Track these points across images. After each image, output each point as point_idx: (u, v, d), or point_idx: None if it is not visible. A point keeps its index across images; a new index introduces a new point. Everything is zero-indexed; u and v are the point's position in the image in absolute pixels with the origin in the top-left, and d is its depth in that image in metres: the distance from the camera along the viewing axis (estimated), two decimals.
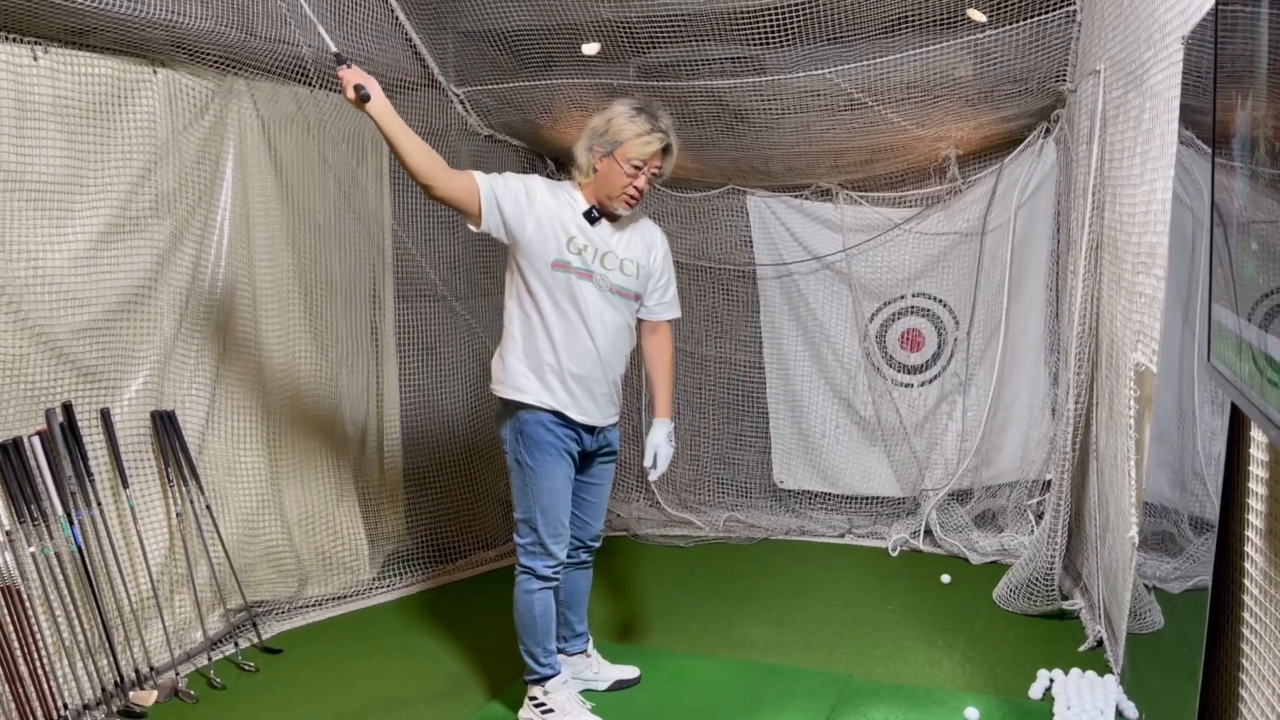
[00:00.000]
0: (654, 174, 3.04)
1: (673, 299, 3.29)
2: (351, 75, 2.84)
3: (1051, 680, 3.26)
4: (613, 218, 3.09)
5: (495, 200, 2.95)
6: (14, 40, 3.04)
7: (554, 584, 3.14)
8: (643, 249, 3.16)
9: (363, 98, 2.81)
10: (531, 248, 2.98)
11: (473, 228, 3.00)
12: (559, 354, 3.01)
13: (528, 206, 2.97)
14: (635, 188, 3.01)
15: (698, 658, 3.65)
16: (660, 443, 3.26)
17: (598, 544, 3.33)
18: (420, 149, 2.87)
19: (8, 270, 3.06)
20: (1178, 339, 3.88)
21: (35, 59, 3.09)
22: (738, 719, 3.18)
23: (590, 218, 3.04)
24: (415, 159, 2.85)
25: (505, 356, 3.07)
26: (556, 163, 5.11)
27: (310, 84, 3.95)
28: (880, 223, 4.87)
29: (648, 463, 3.27)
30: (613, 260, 3.07)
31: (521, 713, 3.22)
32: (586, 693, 3.33)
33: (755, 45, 4.01)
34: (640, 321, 3.24)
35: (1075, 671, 3.27)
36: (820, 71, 3.93)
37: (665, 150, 3.03)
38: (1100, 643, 3.49)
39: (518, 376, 3.03)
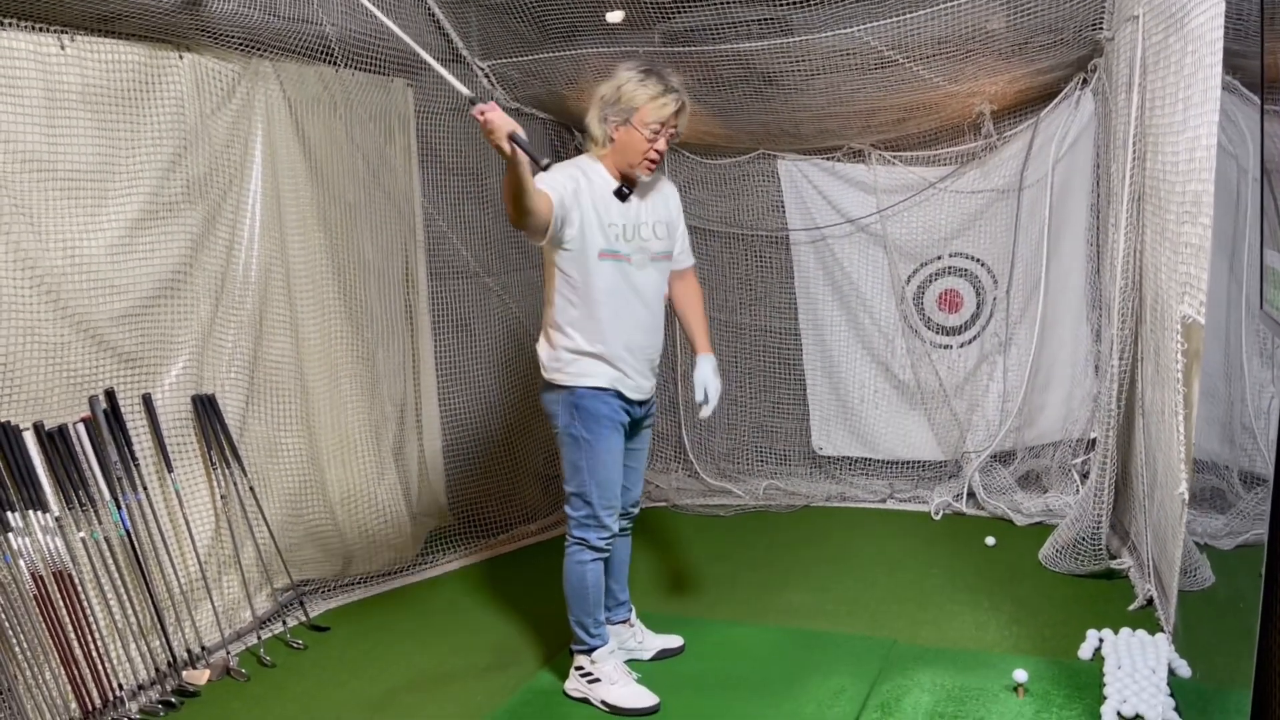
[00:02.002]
0: (672, 133, 3.00)
1: (688, 245, 3.30)
2: (500, 118, 2.55)
3: (1101, 640, 3.22)
4: (633, 183, 3.06)
5: (562, 211, 2.90)
6: (41, 29, 3.05)
7: (605, 555, 3.16)
8: (663, 206, 3.16)
9: (520, 142, 2.56)
10: (580, 242, 2.97)
11: (539, 242, 2.95)
12: (611, 341, 3.02)
13: (574, 204, 2.94)
14: (656, 151, 2.97)
15: (741, 626, 3.65)
16: (708, 377, 3.25)
17: (637, 510, 3.33)
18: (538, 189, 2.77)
19: (45, 259, 3.09)
20: (1224, 291, 3.79)
21: (62, 48, 3.10)
22: (783, 686, 3.18)
23: (621, 195, 3.02)
24: (534, 200, 2.74)
25: (556, 346, 3.06)
26: (584, 134, 5.08)
27: (335, 63, 3.94)
28: (914, 182, 4.79)
29: (699, 398, 3.26)
30: (646, 230, 3.07)
31: (568, 683, 3.23)
32: (631, 662, 3.34)
33: (782, 6, 3.94)
34: None
35: (1125, 631, 3.23)
36: (849, 30, 3.86)
37: (680, 109, 2.99)
38: (1150, 601, 3.44)
39: (571, 363, 3.04)
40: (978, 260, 4.83)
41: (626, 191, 3.03)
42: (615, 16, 4.20)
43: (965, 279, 4.87)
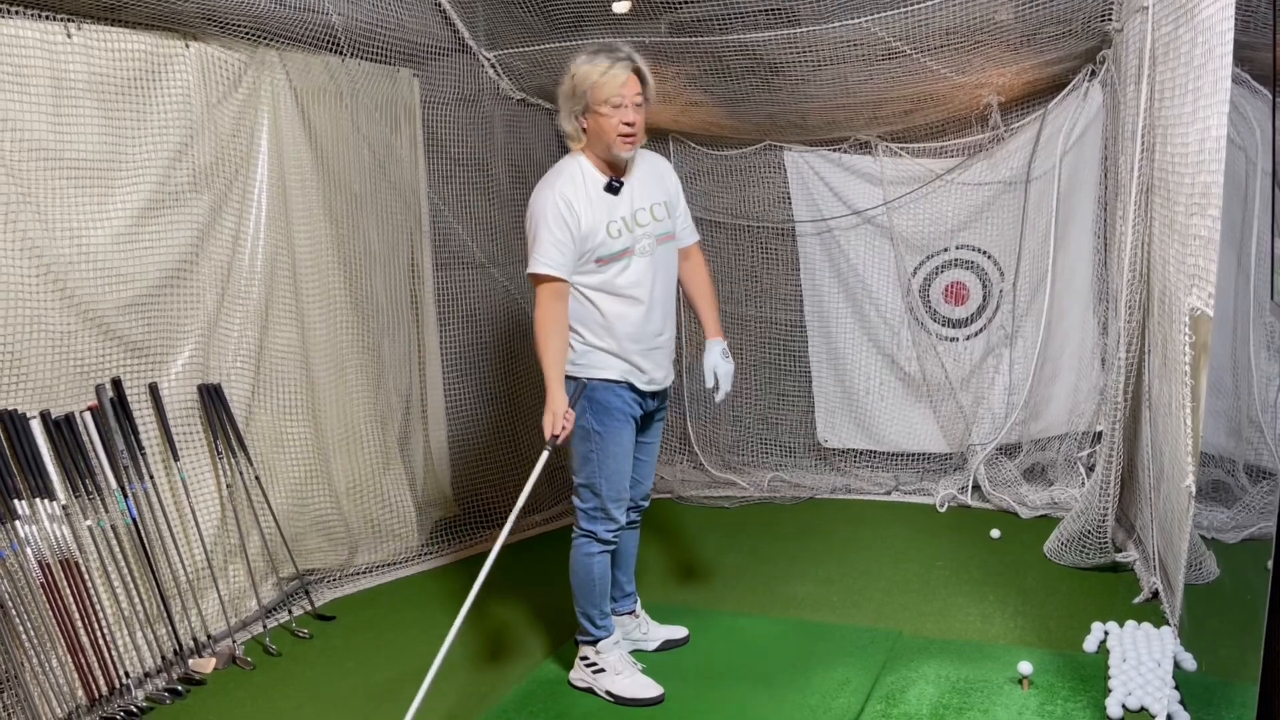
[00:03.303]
0: (638, 103, 2.93)
1: (690, 221, 3.27)
2: (566, 433, 2.94)
3: (1106, 633, 3.22)
4: (621, 169, 3.02)
5: (571, 270, 2.96)
6: (47, 18, 3.05)
7: (612, 547, 3.16)
8: (658, 185, 3.12)
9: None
10: (580, 258, 2.97)
11: None
12: (622, 338, 3.01)
13: (574, 243, 2.93)
14: (625, 124, 2.91)
15: (746, 617, 3.65)
16: (718, 362, 3.25)
17: (647, 503, 3.33)
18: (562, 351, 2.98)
19: (53, 248, 3.09)
20: (1231, 283, 3.75)
21: (69, 36, 3.10)
22: (788, 677, 3.18)
23: (612, 189, 3.00)
24: (565, 333, 3.00)
25: (572, 344, 3.04)
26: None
27: (341, 53, 3.94)
28: (921, 174, 4.77)
29: (709, 383, 3.25)
30: (644, 215, 3.04)
31: (573, 673, 3.24)
32: (636, 653, 3.35)
33: None
34: None
35: (1130, 624, 3.23)
36: (856, 20, 3.84)
37: (640, 77, 2.93)
38: (1156, 594, 3.44)
39: (583, 355, 3.03)
40: (984, 253, 4.82)
41: (618, 184, 3.00)
42: (622, 6, 4.19)
43: (971, 271, 4.85)
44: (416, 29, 4.20)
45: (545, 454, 2.93)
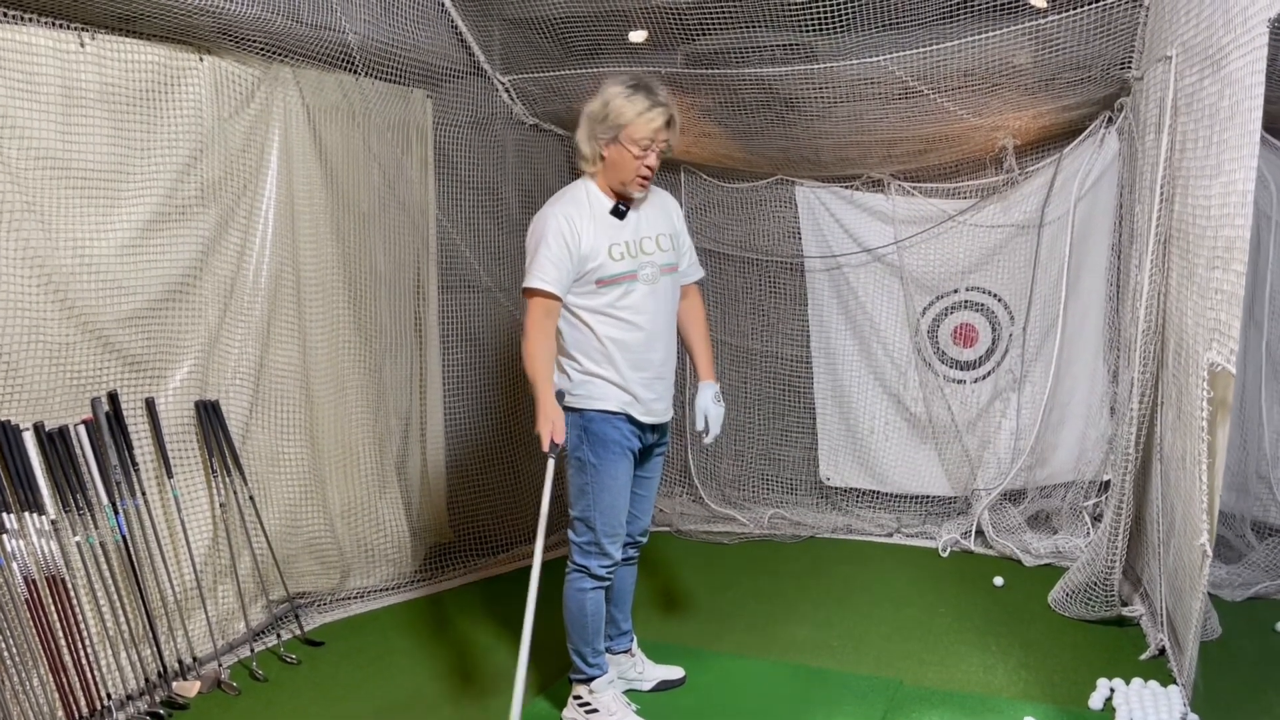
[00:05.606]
0: (662, 149, 2.93)
1: (696, 258, 3.26)
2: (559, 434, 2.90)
3: (1112, 690, 3.15)
4: (628, 200, 3.01)
5: (566, 287, 2.93)
6: (61, 26, 3.03)
7: (607, 584, 3.10)
8: (664, 218, 3.11)
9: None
10: (580, 279, 2.94)
11: None
12: (621, 365, 2.96)
13: (571, 262, 2.91)
14: (647, 167, 2.92)
15: (743, 659, 3.58)
16: (709, 405, 3.21)
17: (645, 539, 3.27)
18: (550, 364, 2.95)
19: (55, 258, 3.05)
20: (1241, 337, 3.69)
21: (82, 46, 3.08)
22: None
23: (618, 214, 2.98)
24: (550, 348, 2.97)
25: (569, 372, 3.01)
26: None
27: (356, 72, 3.92)
28: (933, 214, 4.74)
29: (699, 427, 3.22)
30: (650, 244, 3.01)
31: (566, 712, 3.17)
32: (631, 693, 3.28)
33: (807, 32, 3.92)
34: None
35: (1137, 681, 3.16)
36: (875, 59, 3.83)
37: (669, 123, 2.92)
38: (1163, 651, 3.37)
39: (581, 385, 2.99)
40: (995, 295, 4.78)
41: (624, 209, 2.99)
42: (638, 36, 4.17)
43: (981, 314, 4.81)
44: (432, 51, 4.19)
45: (551, 463, 2.88)
